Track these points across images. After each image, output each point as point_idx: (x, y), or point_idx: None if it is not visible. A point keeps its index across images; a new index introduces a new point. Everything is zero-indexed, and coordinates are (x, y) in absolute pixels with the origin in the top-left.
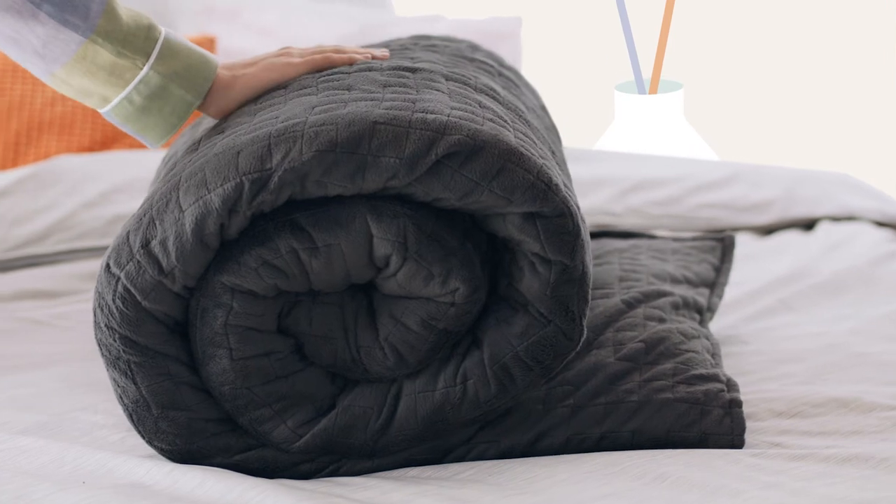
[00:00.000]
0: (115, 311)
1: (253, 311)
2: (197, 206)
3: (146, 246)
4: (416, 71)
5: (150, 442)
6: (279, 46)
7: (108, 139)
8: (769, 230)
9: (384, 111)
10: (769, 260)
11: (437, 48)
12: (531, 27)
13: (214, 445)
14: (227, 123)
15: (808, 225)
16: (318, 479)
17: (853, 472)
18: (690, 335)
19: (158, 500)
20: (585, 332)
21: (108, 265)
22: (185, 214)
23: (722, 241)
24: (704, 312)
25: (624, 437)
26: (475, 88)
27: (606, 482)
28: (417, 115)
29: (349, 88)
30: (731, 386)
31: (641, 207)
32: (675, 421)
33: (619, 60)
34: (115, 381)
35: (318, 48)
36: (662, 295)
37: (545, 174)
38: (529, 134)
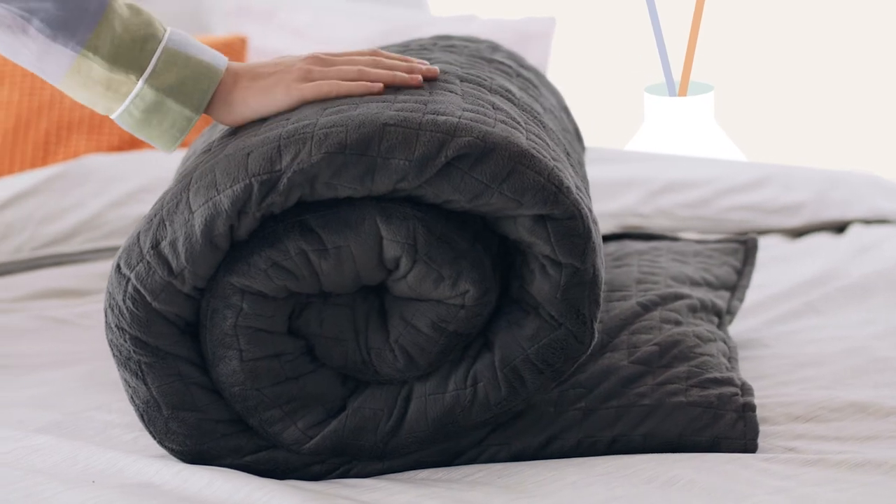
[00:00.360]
0: (125, 311)
1: (263, 312)
2: (206, 207)
3: (156, 247)
4: None
5: (161, 442)
6: (312, 47)
7: (136, 139)
8: (800, 233)
9: (394, 113)
10: (798, 263)
11: (455, 49)
12: (561, 28)
13: (225, 446)
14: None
15: (839, 228)
16: (327, 480)
17: (864, 478)
18: (706, 338)
19: (166, 499)
20: (597, 335)
21: (118, 266)
22: (194, 215)
23: (745, 243)
24: (724, 315)
25: (636, 440)
26: (490, 90)
27: (615, 485)
28: (428, 116)
29: None
30: (745, 390)
31: (670, 209)
32: (687, 425)
33: (649, 62)
34: (126, 381)
35: (347, 58)
36: (679, 298)
37: (556, 176)
38: (543, 136)
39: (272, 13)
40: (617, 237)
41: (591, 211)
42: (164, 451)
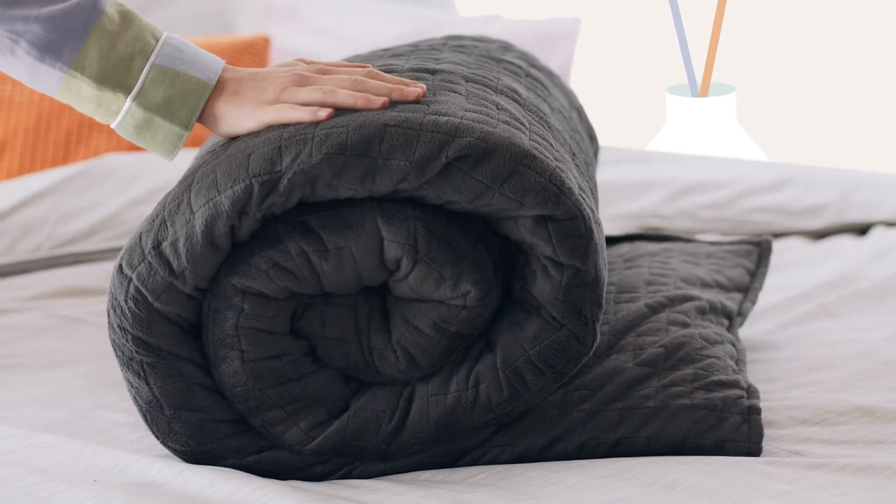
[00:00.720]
0: (127, 311)
1: (264, 312)
2: (207, 207)
3: (157, 247)
4: (436, 72)
5: (163, 443)
6: (337, 47)
7: None
8: (822, 235)
9: (396, 113)
10: (817, 265)
11: (465, 49)
12: (583, 28)
13: (227, 446)
14: None
15: (861, 230)
16: (329, 481)
17: (867, 482)
18: (713, 340)
19: (166, 499)
20: (599, 336)
21: (120, 266)
22: (195, 216)
23: (758, 244)
24: (734, 317)
25: (639, 442)
26: (495, 90)
27: (616, 488)
28: (429, 117)
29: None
30: (751, 392)
31: (692, 210)
32: (691, 427)
33: (671, 62)
34: (128, 381)
35: (343, 69)
36: (688, 299)
37: (557, 177)
38: (547, 136)
39: (296, 12)
40: (630, 238)
41: (593, 211)
42: (167, 450)
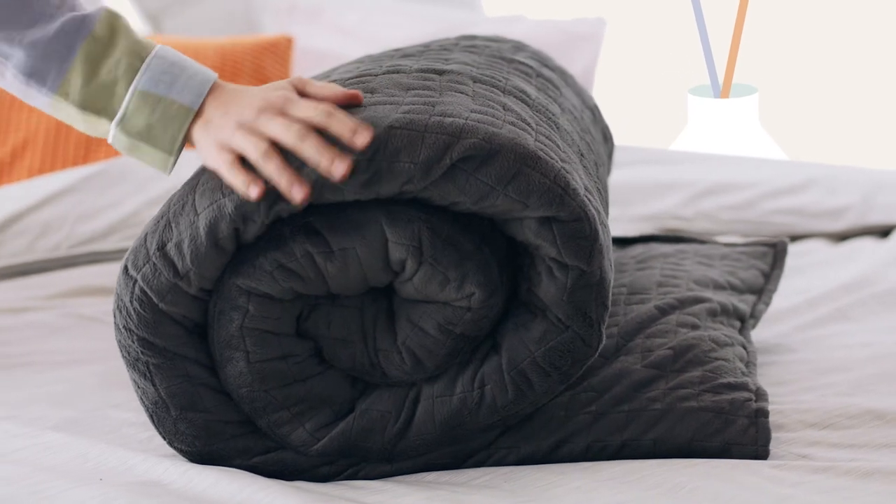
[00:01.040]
0: (132, 312)
1: (269, 314)
2: (211, 209)
3: (162, 248)
4: (443, 73)
5: (170, 443)
6: (361, 47)
7: None
8: (843, 237)
9: (401, 115)
10: (837, 267)
11: (476, 49)
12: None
13: (233, 447)
14: None
15: (884, 232)
16: (335, 482)
17: (873, 486)
18: (723, 343)
19: (170, 498)
20: (604, 337)
21: (126, 267)
22: (199, 218)
23: (774, 246)
24: (746, 319)
25: (645, 445)
26: (503, 91)
27: (619, 491)
28: (434, 118)
29: (373, 91)
30: (759, 395)
31: (713, 212)
32: (697, 430)
33: (693, 63)
34: (135, 382)
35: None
36: (699, 301)
37: (562, 178)
38: (554, 137)
39: (319, 12)
40: (644, 240)
41: (599, 212)
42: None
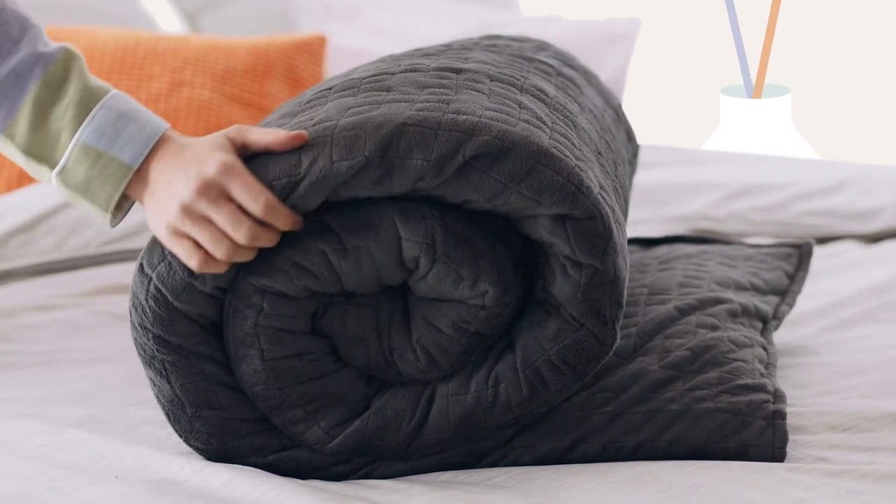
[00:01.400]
0: (148, 310)
1: (284, 312)
2: None
3: None
4: (461, 72)
5: (186, 441)
6: (395, 47)
7: (204, 134)
8: (876, 238)
9: (415, 112)
10: (866, 269)
11: (497, 48)
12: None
13: (249, 445)
14: (269, 124)
15: None
16: (349, 480)
17: (890, 489)
18: (742, 344)
19: (184, 496)
20: (619, 336)
21: (141, 265)
22: None
23: (799, 247)
24: (769, 321)
25: (661, 446)
26: (521, 89)
27: (633, 492)
28: (448, 116)
29: (389, 90)
30: (777, 397)
31: (744, 213)
32: (714, 431)
33: (725, 63)
34: (151, 380)
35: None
36: (720, 302)
37: (576, 176)
38: (570, 135)
39: (356, 12)
40: (669, 240)
41: (613, 210)
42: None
